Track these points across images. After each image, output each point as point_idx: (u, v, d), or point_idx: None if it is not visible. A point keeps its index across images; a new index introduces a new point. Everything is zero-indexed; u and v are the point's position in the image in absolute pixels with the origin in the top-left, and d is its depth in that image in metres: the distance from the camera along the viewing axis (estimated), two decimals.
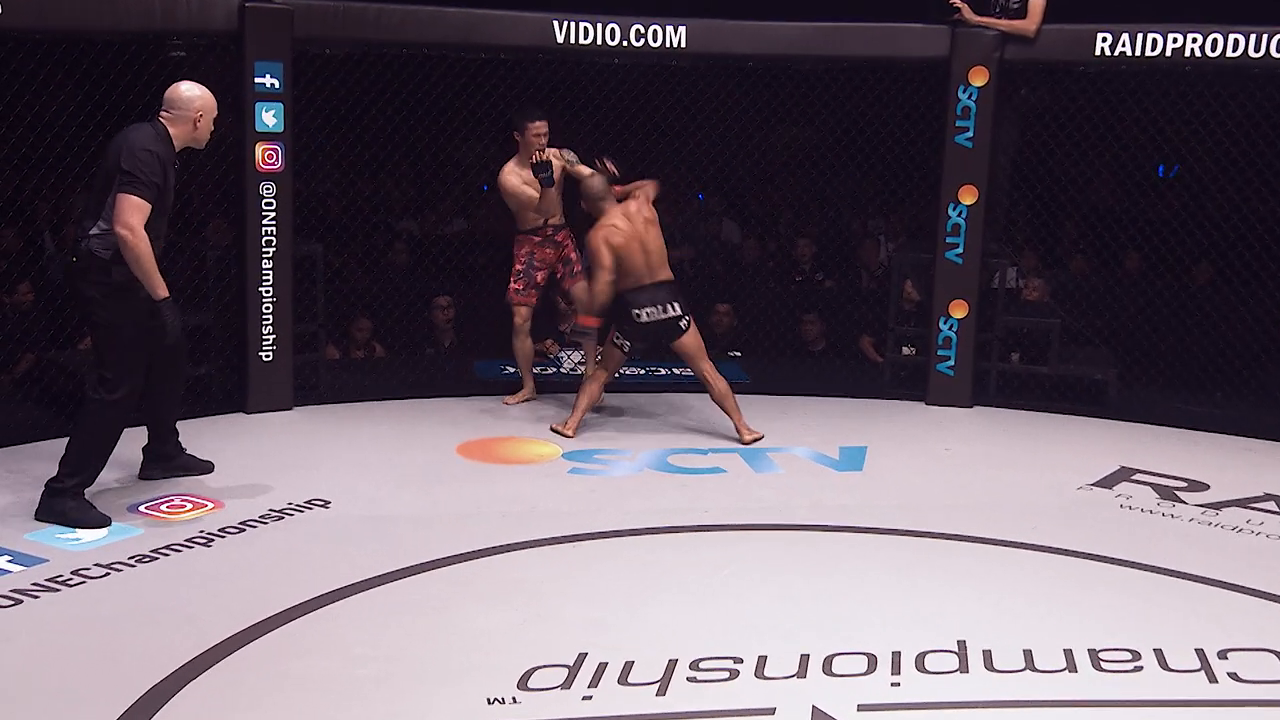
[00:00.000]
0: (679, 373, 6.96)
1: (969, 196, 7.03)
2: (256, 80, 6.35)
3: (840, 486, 5.82)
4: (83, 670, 3.81)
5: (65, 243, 7.34)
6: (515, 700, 3.67)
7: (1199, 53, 6.66)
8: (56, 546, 4.70)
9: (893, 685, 3.84)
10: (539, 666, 3.85)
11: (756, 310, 8.16)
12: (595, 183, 6.37)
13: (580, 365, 7.09)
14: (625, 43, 6.94)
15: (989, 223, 7.13)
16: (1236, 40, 6.61)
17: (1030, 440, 6.67)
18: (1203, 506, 5.61)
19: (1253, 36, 6.59)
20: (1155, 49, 6.71)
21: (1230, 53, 6.62)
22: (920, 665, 3.95)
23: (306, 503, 5.28)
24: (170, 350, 5.07)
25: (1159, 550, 5.02)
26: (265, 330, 6.57)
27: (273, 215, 6.50)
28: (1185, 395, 7.24)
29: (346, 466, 5.80)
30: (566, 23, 6.85)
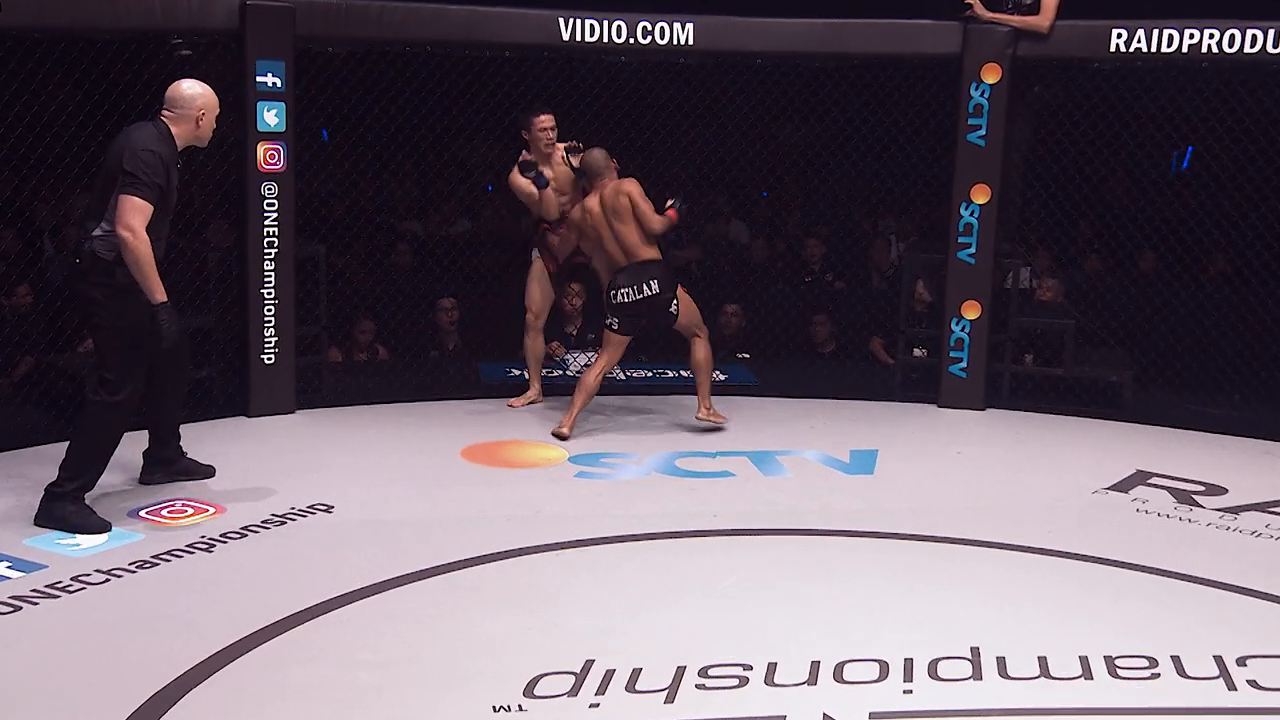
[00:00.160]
0: (686, 375, 6.94)
1: (981, 195, 6.99)
2: (258, 79, 6.34)
3: (851, 490, 5.80)
4: (83, 678, 3.79)
5: (65, 244, 7.40)
6: (521, 708, 3.64)
7: (1216, 49, 6.62)
8: (56, 552, 4.68)
9: (905, 693, 3.80)
10: (545, 673, 3.82)
11: (765, 311, 8.15)
12: (596, 156, 6.38)
13: (587, 367, 7.05)
14: (632, 40, 6.92)
15: (1002, 222, 7.09)
16: (1254, 35, 6.56)
17: (1044, 443, 6.64)
18: (1220, 510, 5.57)
19: (1270, 32, 6.54)
20: (1171, 45, 6.68)
21: (1248, 48, 6.57)
22: (933, 672, 3.92)
23: (309, 507, 5.26)
24: (172, 353, 5.05)
25: (1176, 555, 4.99)
26: (267, 332, 6.55)
27: (274, 216, 6.48)
28: (1202, 397, 7.20)
29: (349, 470, 5.78)
30: (572, 19, 6.83)
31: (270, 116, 6.37)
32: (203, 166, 6.30)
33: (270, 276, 6.50)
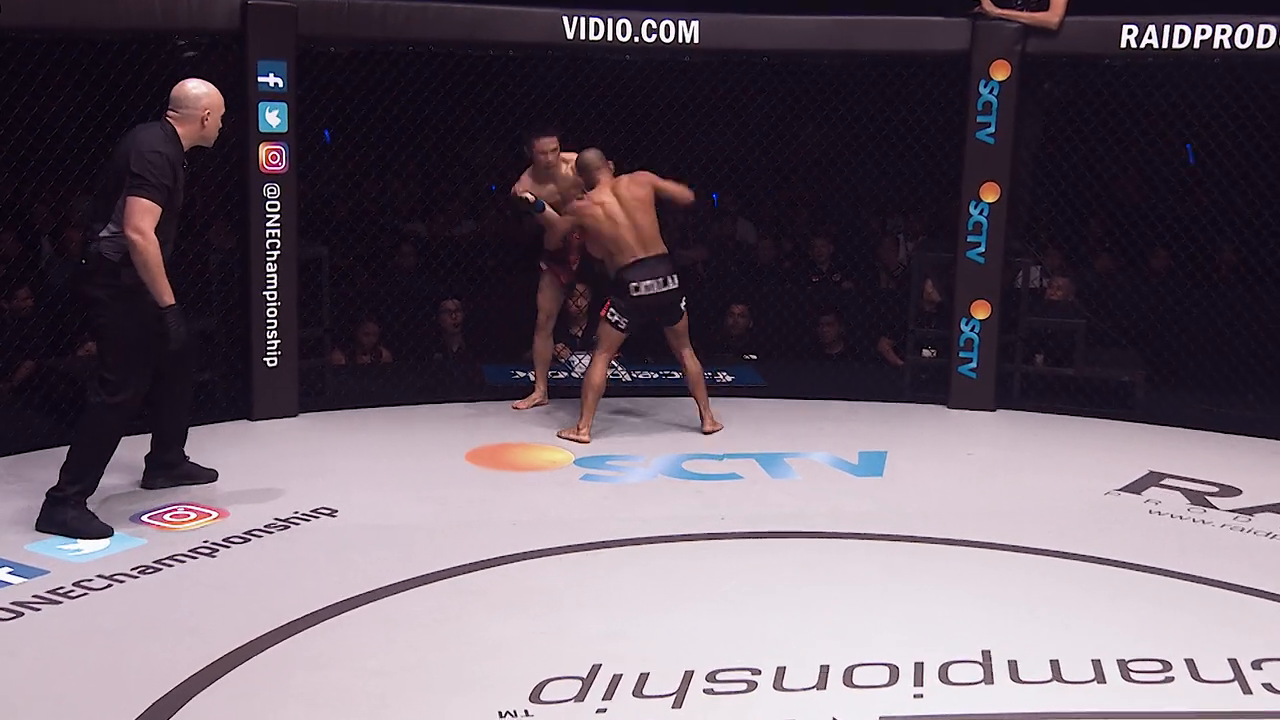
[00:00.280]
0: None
1: (991, 194, 6.97)
2: (259, 79, 6.32)
3: (860, 492, 5.78)
4: (85, 684, 3.78)
5: (64, 247, 7.40)
6: (528, 713, 3.63)
7: (1228, 44, 6.58)
8: (58, 558, 4.66)
9: (915, 697, 3.79)
10: (552, 678, 3.81)
11: (772, 312, 8.14)
12: (589, 154, 6.36)
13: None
14: (637, 38, 6.88)
15: (1011, 221, 7.07)
16: (1267, 31, 6.52)
17: (1055, 444, 6.62)
18: (1235, 512, 5.54)
19: None
20: (1183, 41, 6.65)
21: (1261, 44, 6.53)
22: (944, 676, 3.90)
23: (313, 511, 5.24)
24: (179, 355, 5.05)
25: (1189, 557, 4.97)
26: (270, 335, 6.52)
27: (277, 217, 6.46)
28: (1216, 397, 7.17)
29: (353, 474, 5.77)
30: (576, 18, 6.80)
31: (272, 117, 6.36)
32: (204, 168, 6.29)
33: (273, 278, 6.48)
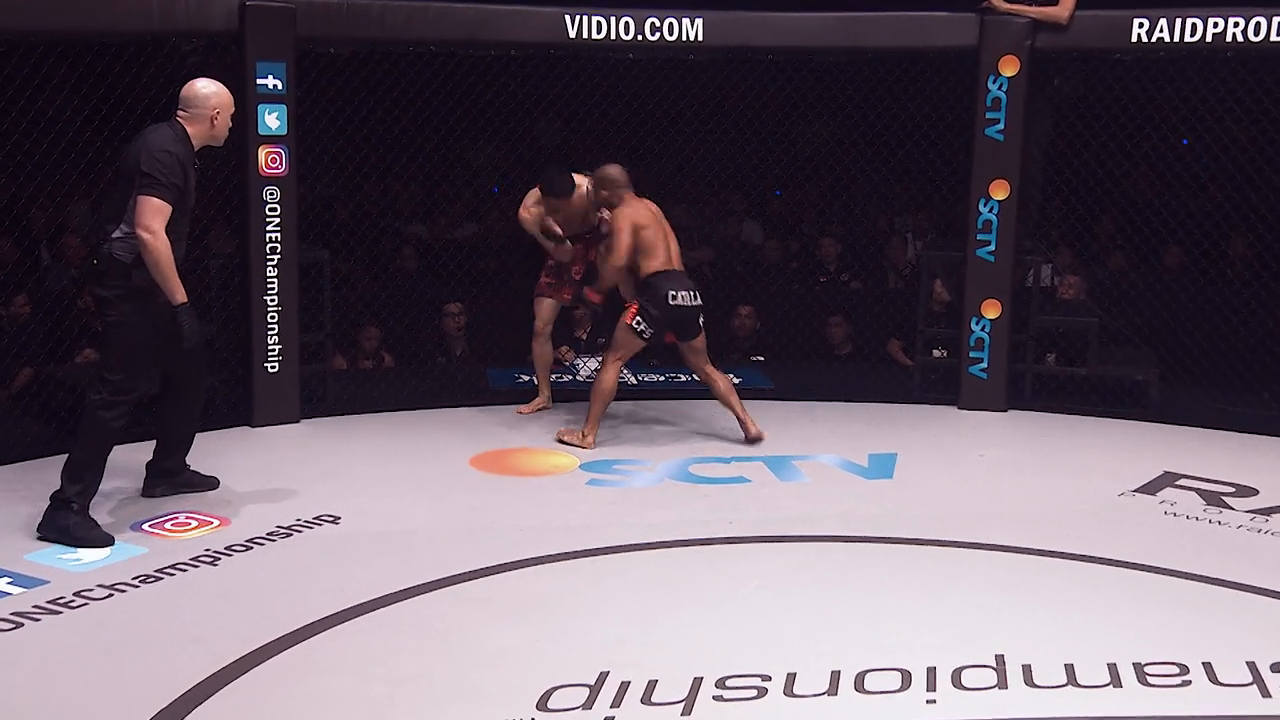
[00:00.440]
0: (698, 378, 6.83)
1: (1000, 191, 6.96)
2: (258, 81, 6.31)
3: (870, 495, 5.76)
4: (86, 695, 3.77)
5: (62, 253, 7.41)
6: None
7: (1241, 37, 6.57)
8: (57, 567, 4.64)
9: (928, 702, 3.76)
10: (559, 686, 3.79)
11: (780, 313, 8.14)
12: (615, 170, 6.32)
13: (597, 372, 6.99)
14: (640, 36, 6.87)
15: (1022, 218, 7.06)
16: None
17: (1068, 445, 6.60)
18: (1251, 512, 5.51)
19: None
20: (1195, 34, 6.63)
21: (1274, 37, 6.52)
22: (957, 681, 3.87)
23: (315, 519, 5.23)
24: (189, 362, 5.09)
25: (1206, 559, 4.95)
26: (270, 340, 6.52)
27: (277, 221, 6.45)
28: (1231, 396, 7.18)
29: (356, 481, 5.76)
30: (579, 17, 6.79)
31: (271, 119, 6.35)
32: (203, 172, 6.23)
33: (273, 283, 6.48)
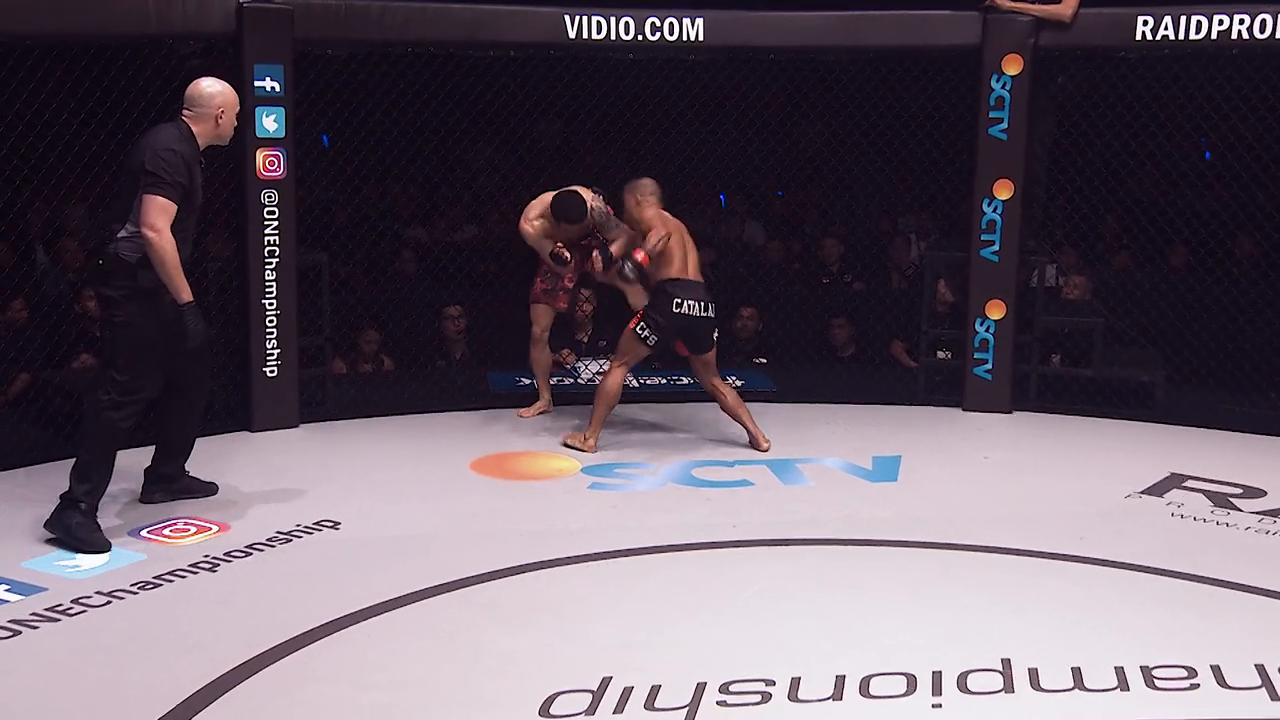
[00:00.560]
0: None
1: (1004, 191, 6.94)
2: (256, 83, 6.28)
3: (874, 498, 5.75)
4: (85, 703, 3.76)
5: (59, 257, 7.40)
6: None
7: (1246, 35, 6.54)
8: (55, 574, 4.63)
9: (934, 706, 3.76)
10: (562, 691, 3.79)
11: (782, 315, 8.12)
12: (649, 182, 6.29)
13: (599, 375, 6.96)
14: (640, 36, 6.86)
15: (1026, 218, 7.05)
16: None
17: (1074, 446, 6.58)
18: (1259, 514, 5.49)
19: None
20: (1200, 32, 6.60)
21: None
22: (963, 685, 3.87)
23: (315, 524, 5.22)
24: (193, 364, 5.11)
25: (1213, 561, 4.94)
26: (269, 344, 6.50)
27: (275, 224, 6.43)
28: (1238, 396, 7.14)
29: (356, 485, 5.75)
30: (578, 17, 6.77)
31: (269, 122, 6.33)
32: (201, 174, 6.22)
33: (272, 287, 6.46)
